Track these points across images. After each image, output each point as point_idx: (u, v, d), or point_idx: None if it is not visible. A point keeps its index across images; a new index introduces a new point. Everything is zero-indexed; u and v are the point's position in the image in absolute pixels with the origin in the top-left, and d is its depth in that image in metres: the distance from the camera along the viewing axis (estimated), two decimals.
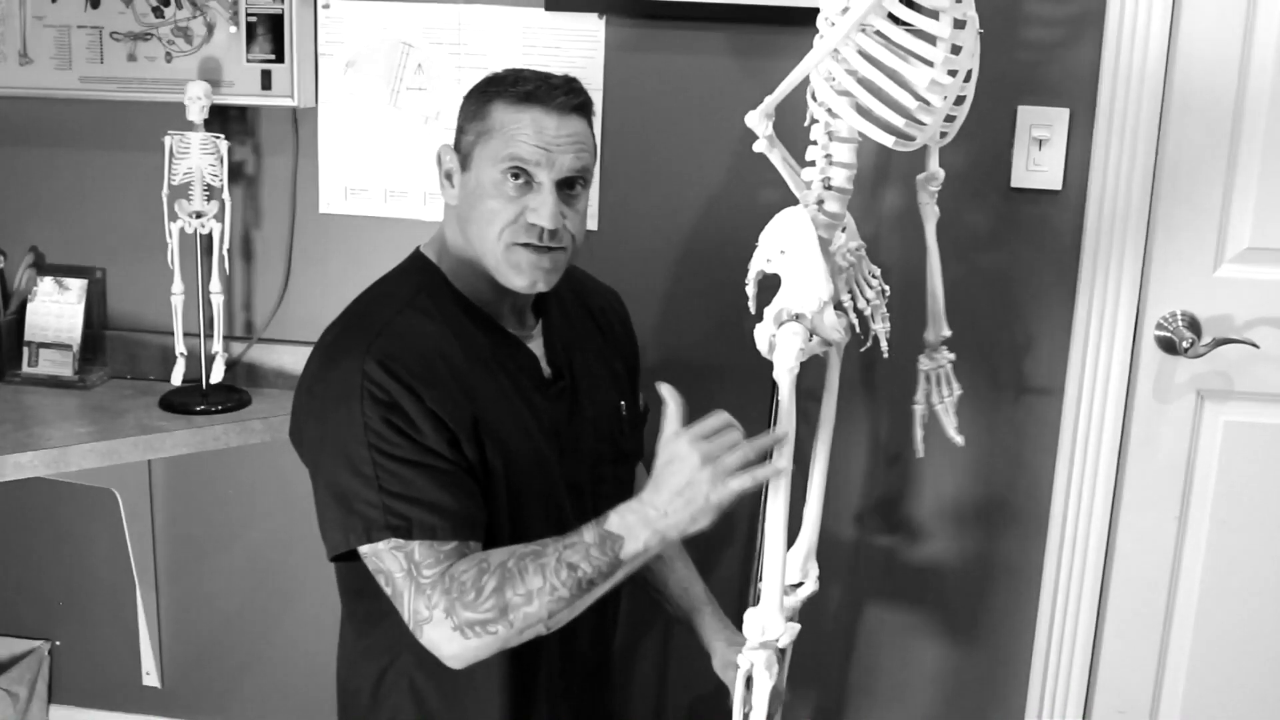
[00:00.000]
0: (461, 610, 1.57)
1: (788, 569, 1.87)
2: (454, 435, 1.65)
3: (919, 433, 2.11)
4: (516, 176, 1.68)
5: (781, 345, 1.65)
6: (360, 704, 1.85)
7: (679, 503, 1.55)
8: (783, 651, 1.82)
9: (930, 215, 2.00)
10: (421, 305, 1.74)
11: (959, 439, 2.08)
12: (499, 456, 1.70)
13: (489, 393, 1.72)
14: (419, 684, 1.77)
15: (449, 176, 1.77)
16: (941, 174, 1.97)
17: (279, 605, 2.74)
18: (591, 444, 1.87)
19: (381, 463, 1.61)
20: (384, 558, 1.61)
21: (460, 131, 1.76)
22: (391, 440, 1.61)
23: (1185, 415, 2.37)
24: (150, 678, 2.80)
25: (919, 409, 2.10)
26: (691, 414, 2.41)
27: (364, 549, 1.63)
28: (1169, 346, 2.32)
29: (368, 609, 1.76)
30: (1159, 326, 2.33)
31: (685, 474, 1.55)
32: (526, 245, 1.70)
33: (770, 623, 1.71)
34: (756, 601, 1.78)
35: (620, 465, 1.97)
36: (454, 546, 1.61)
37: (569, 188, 1.72)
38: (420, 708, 1.78)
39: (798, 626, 1.76)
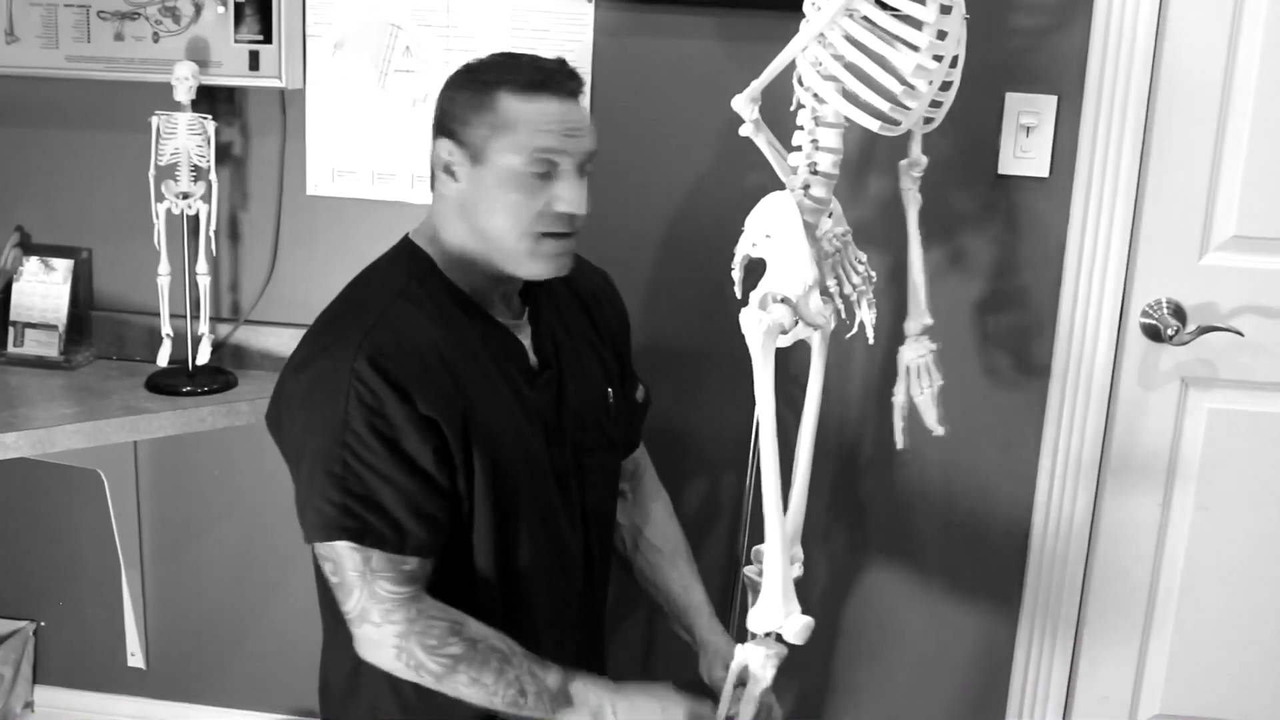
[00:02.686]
0: (414, 644, 1.64)
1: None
2: (442, 441, 1.66)
3: (899, 424, 2.11)
4: (543, 169, 1.67)
5: (747, 321, 1.66)
6: (337, 692, 1.85)
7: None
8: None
9: (913, 202, 2.01)
10: (413, 294, 1.73)
11: (940, 430, 2.07)
12: (487, 450, 1.70)
13: (478, 385, 1.72)
14: (395, 676, 1.77)
15: (449, 170, 1.73)
16: (924, 160, 1.98)
17: (264, 587, 2.74)
18: (578, 434, 1.87)
19: (351, 463, 1.62)
20: (339, 551, 1.63)
21: (462, 124, 1.71)
22: (369, 445, 1.62)
23: (1169, 402, 2.37)
24: (135, 659, 2.81)
25: (899, 400, 2.09)
26: (679, 397, 2.43)
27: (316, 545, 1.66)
28: (1154, 334, 2.32)
29: None
30: (1144, 314, 2.33)
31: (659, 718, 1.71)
32: (552, 235, 1.70)
33: (772, 613, 1.71)
34: (743, 597, 1.79)
35: (607, 453, 1.97)
36: (412, 568, 1.65)
37: (580, 173, 1.72)
38: (398, 698, 1.78)
39: (810, 620, 1.74)
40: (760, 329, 1.64)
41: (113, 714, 2.84)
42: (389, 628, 1.63)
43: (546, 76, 1.69)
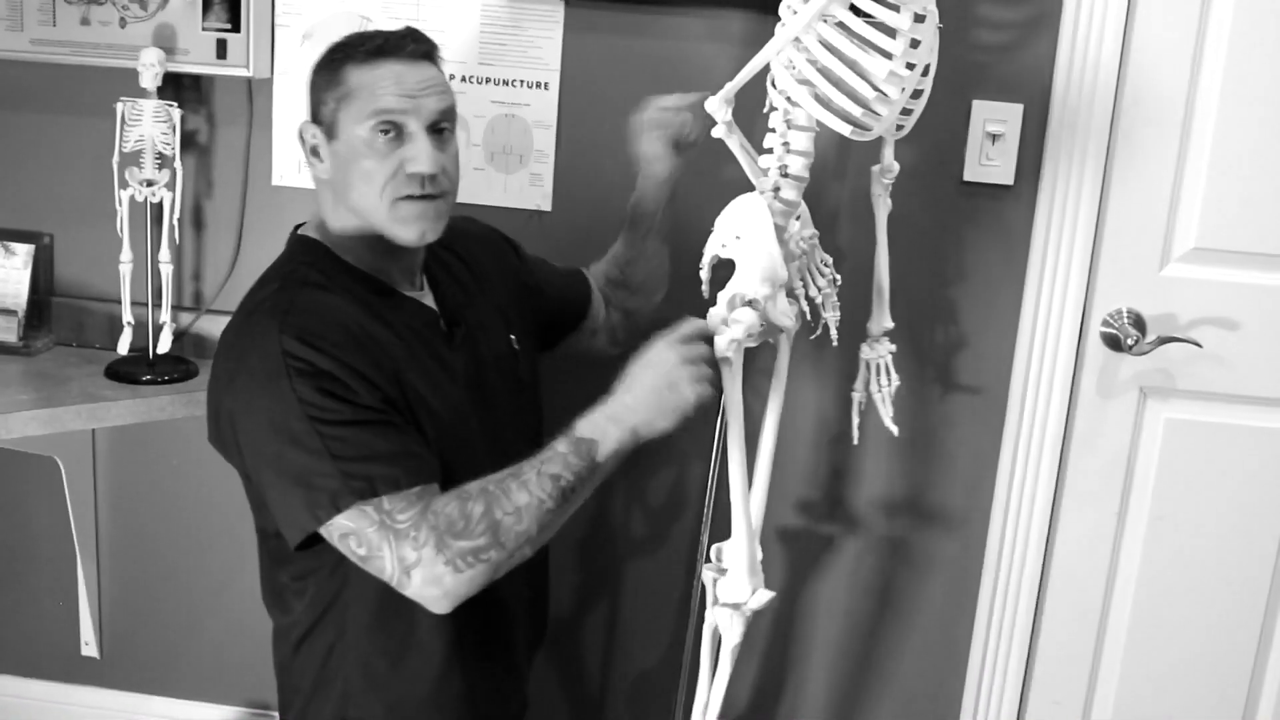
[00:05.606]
0: (453, 541, 1.57)
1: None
2: (386, 393, 1.65)
3: (856, 420, 2.15)
4: (387, 131, 1.70)
5: (720, 330, 1.69)
6: (305, 684, 1.84)
7: (653, 399, 1.64)
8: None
9: (882, 207, 2.03)
10: (315, 281, 1.73)
11: (894, 429, 2.12)
12: (424, 414, 1.71)
13: (402, 355, 1.72)
14: (366, 652, 1.78)
15: (315, 151, 1.78)
16: (896, 166, 2.00)
17: (220, 579, 2.72)
18: (496, 383, 1.89)
19: (325, 431, 1.59)
20: (352, 519, 1.59)
21: (318, 104, 1.77)
22: (329, 407, 1.60)
23: (1128, 412, 2.40)
24: (89, 648, 2.79)
25: (857, 397, 2.14)
26: None
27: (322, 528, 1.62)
28: (1114, 343, 2.35)
29: (318, 590, 1.76)
30: (1105, 323, 2.35)
31: (663, 372, 1.64)
32: (409, 198, 1.71)
33: (739, 585, 1.75)
34: (702, 595, 1.82)
35: (522, 396, 1.99)
36: (419, 490, 1.60)
37: (437, 133, 1.74)
38: (368, 674, 1.78)
39: (772, 594, 1.81)
40: (731, 350, 1.67)
41: (66, 703, 2.81)
42: (427, 551, 1.57)
43: (386, 41, 1.72)
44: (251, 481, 1.71)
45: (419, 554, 1.57)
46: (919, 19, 1.65)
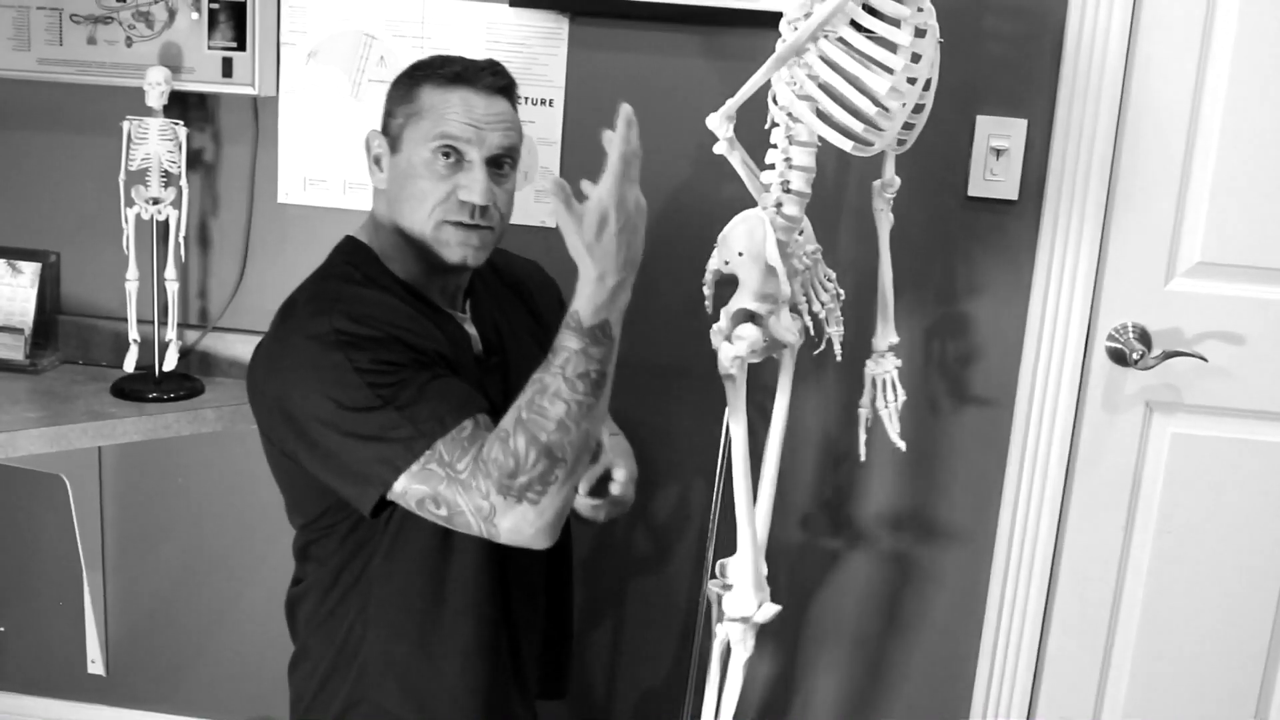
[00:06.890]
0: (511, 482, 1.54)
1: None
2: (435, 354, 1.67)
3: (863, 436, 2.15)
4: (447, 155, 1.73)
5: (723, 347, 1.69)
6: (323, 666, 1.84)
7: (621, 253, 1.55)
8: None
9: (884, 222, 2.03)
10: (358, 280, 1.77)
11: (901, 444, 2.11)
12: None
13: (445, 349, 1.74)
14: (386, 634, 1.79)
15: (377, 161, 1.81)
16: (897, 181, 2.00)
17: (226, 596, 2.72)
18: None
19: (384, 392, 1.59)
20: (423, 479, 1.57)
21: (389, 115, 1.80)
22: (383, 370, 1.61)
23: (1133, 426, 2.39)
24: (95, 666, 2.78)
25: (864, 413, 2.14)
26: (650, 410, 2.43)
27: (397, 487, 1.59)
28: (1119, 358, 2.34)
29: (340, 573, 1.78)
30: (1110, 338, 2.35)
31: (618, 221, 1.54)
32: (456, 224, 1.74)
33: (745, 599, 1.75)
34: (706, 611, 1.82)
35: None
36: (470, 430, 1.59)
37: (497, 167, 1.76)
38: (387, 657, 1.79)
39: (778, 608, 1.80)
40: (735, 366, 1.67)
41: None
42: (495, 498, 1.55)
43: (465, 69, 1.75)
44: (305, 463, 1.69)
45: (489, 502, 1.55)
46: (920, 33, 1.65)
